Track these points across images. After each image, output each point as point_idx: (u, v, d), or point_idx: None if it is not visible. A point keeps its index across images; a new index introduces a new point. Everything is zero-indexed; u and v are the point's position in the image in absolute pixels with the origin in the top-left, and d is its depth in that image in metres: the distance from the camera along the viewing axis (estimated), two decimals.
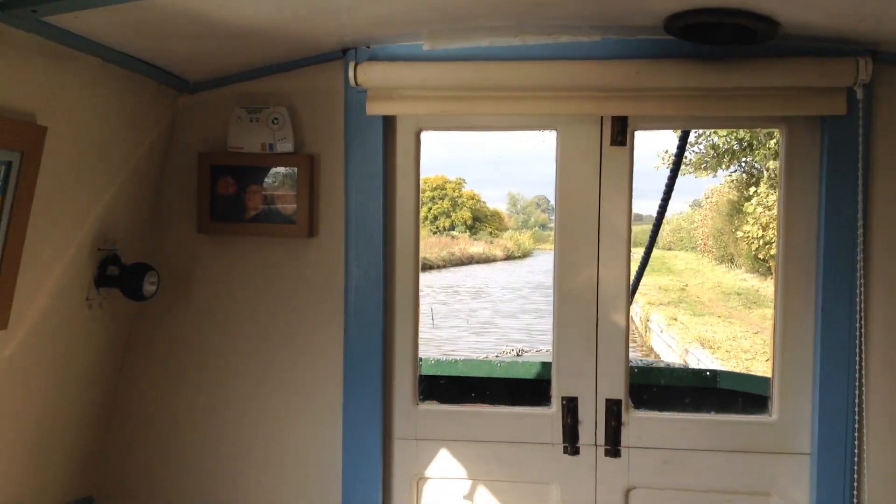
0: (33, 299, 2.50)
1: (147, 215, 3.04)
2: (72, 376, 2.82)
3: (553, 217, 3.15)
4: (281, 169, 3.05)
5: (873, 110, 2.82)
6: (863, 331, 2.84)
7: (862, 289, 2.83)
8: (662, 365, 7.07)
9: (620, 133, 3.00)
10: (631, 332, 3.27)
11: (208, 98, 3.09)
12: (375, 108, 2.99)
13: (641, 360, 6.64)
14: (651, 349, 18.50)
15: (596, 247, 3.05)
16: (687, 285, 27.96)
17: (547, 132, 3.11)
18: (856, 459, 2.86)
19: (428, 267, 33.48)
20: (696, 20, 2.55)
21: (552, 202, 3.19)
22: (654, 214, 4.44)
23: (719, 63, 2.77)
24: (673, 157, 4.09)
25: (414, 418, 3.12)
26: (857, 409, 2.85)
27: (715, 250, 32.91)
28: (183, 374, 3.12)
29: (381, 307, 3.05)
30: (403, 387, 3.12)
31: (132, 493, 3.13)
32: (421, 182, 3.22)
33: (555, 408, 3.08)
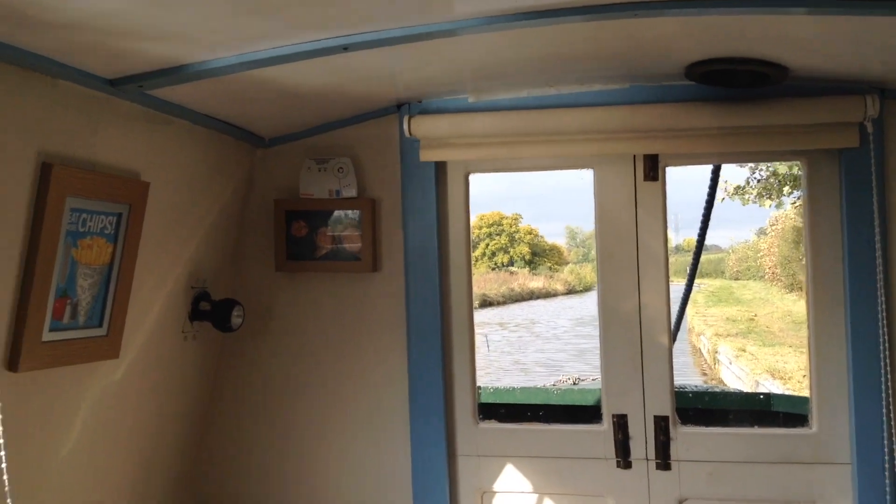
0: (137, 332, 2.90)
1: (231, 255, 3.44)
2: (171, 399, 3.21)
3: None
4: (346, 212, 3.42)
5: (885, 141, 3.05)
6: (888, 344, 3.03)
7: (884, 305, 3.03)
8: (717, 389, 7.17)
9: (652, 169, 3.28)
10: (700, 363, 3.52)
11: (281, 151, 3.49)
12: (428, 156, 3.34)
13: (696, 385, 6.78)
14: (721, 381, 18.25)
15: (636, 274, 3.31)
16: (756, 315, 27.45)
17: (584, 171, 3.42)
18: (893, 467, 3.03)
19: (488, 303, 33.38)
20: (712, 67, 2.84)
21: None
22: (705, 244, 4.68)
23: (739, 104, 3.03)
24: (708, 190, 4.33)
25: (475, 436, 3.40)
26: (890, 419, 3.03)
27: (783, 279, 32.23)
28: (265, 399, 3.48)
29: (440, 334, 3.37)
30: (464, 407, 3.41)
31: None
32: (476, 218, 3.57)
33: (606, 425, 3.32)
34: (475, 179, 3.48)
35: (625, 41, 2.70)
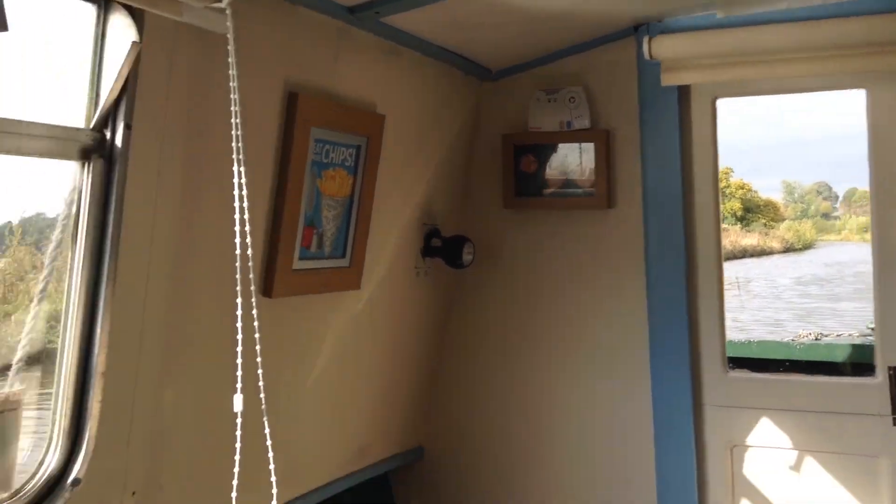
0: (375, 266, 2.90)
1: (459, 192, 3.38)
2: (405, 336, 3.22)
3: (837, 205, 3.01)
4: (578, 145, 3.23)
5: None
6: None
7: None
8: None
9: None
10: None
11: (508, 83, 3.35)
12: (670, 79, 3.05)
13: None
14: None
15: None
16: None
17: (854, 91, 2.98)
18: None
19: None
20: None
21: (835, 188, 3.06)
22: None
23: None
24: None
25: (724, 386, 3.12)
26: None
27: None
28: (495, 338, 3.40)
29: (684, 275, 3.10)
30: (711, 354, 3.12)
31: (455, 445, 3.46)
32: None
33: (881, 377, 2.91)
34: None
35: None
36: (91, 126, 1.82)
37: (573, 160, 3.26)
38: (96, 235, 1.83)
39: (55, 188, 2.04)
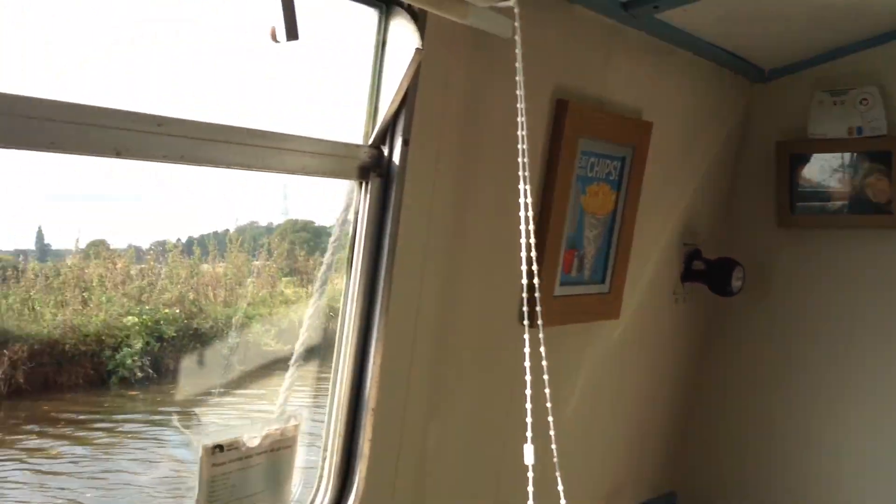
0: (633, 290, 2.60)
1: (724, 209, 3.00)
2: (661, 368, 2.90)
3: None
4: (870, 154, 2.76)
5: None
6: None
7: None
8: None
9: None
10: None
11: (783, 85, 2.94)
12: None
13: None
14: None
15: None
16: None
17: None
18: None
19: None
20: None
21: None
22: None
23: None
24: None
25: None
26: None
27: None
28: (762, 374, 2.98)
29: None
30: None
31: (710, 492, 3.08)
32: None
33: None
34: None
35: None
36: (370, 142, 1.67)
37: (863, 172, 2.79)
38: (371, 263, 1.68)
39: (263, 195, 1.95)
